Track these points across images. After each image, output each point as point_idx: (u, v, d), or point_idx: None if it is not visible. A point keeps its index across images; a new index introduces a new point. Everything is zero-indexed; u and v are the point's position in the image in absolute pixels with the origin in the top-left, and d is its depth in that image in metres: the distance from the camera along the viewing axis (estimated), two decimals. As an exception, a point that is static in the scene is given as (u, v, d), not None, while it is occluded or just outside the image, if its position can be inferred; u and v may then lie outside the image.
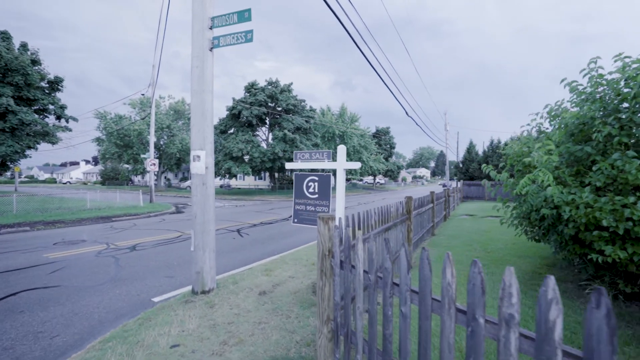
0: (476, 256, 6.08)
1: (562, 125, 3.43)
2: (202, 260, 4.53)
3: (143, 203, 19.51)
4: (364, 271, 2.13)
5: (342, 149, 5.03)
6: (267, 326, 3.65)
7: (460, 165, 39.58)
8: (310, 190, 5.31)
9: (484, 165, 4.44)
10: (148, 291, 5.23)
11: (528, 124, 4.44)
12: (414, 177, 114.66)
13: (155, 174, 47.73)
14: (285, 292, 4.77)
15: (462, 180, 23.20)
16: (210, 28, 4.79)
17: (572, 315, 3.39)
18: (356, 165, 4.97)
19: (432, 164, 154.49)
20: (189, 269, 6.34)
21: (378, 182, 73.77)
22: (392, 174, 66.04)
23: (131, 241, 9.22)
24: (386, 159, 61.87)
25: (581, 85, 3.50)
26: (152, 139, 21.99)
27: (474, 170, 36.73)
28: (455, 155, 49.28)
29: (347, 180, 72.72)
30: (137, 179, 66.35)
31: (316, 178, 5.27)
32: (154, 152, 43.33)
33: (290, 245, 9.03)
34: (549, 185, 2.96)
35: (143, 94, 22.66)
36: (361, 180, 72.80)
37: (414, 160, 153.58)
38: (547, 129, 4.26)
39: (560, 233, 3.56)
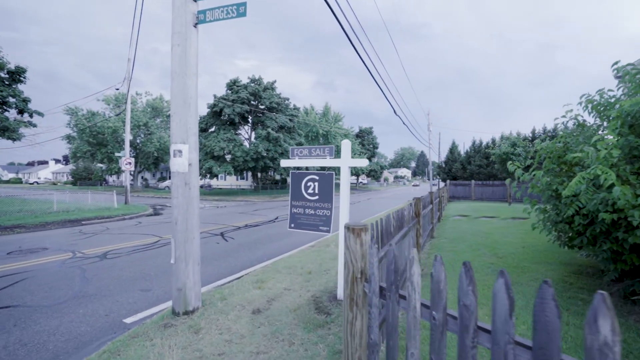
0: (490, 262, 5.63)
1: (622, 115, 2.96)
2: (184, 275, 3.80)
3: (117, 204, 18.22)
4: (423, 305, 1.52)
5: (347, 144, 4.43)
6: (267, 357, 2.99)
7: (443, 165, 39.95)
8: (310, 190, 4.67)
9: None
10: (119, 310, 4.44)
11: (563, 116, 3.98)
12: (396, 177, 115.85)
13: (131, 174, 45.55)
14: (284, 310, 4.11)
15: (448, 180, 23.18)
16: (195, 0, 4.07)
17: (639, 340, 2.92)
18: (363, 162, 4.38)
19: (413, 164, 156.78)
20: (168, 280, 5.57)
21: (361, 182, 73.80)
22: (374, 174, 66.16)
23: (102, 248, 8.25)
24: (369, 159, 61.90)
25: (636, 69, 3.06)
26: (127, 136, 20.65)
27: (456, 170, 37.11)
28: (437, 155, 49.84)
29: (330, 180, 71.87)
30: (111, 179, 63.39)
31: (316, 177, 4.64)
32: (130, 151, 41.31)
33: (280, 249, 8.35)
34: (613, 184, 2.49)
35: (117, 89, 21.25)
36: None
37: (395, 160, 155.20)
38: (586, 121, 3.83)
39: (617, 241, 3.10)
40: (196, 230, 3.92)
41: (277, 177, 47.32)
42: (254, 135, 36.25)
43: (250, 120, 36.61)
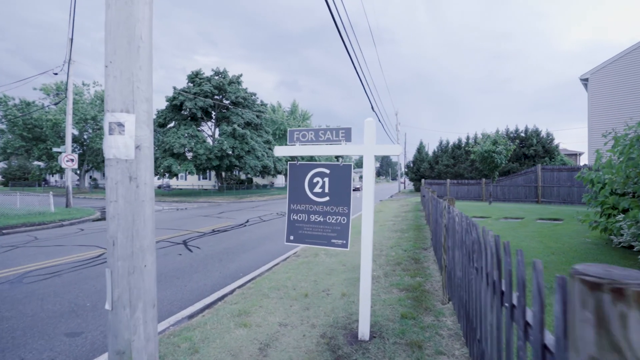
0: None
1: None
2: (128, 329, 2.31)
3: (55, 208, 15.51)
4: None
5: (370, 124, 3.18)
6: None
7: (411, 165, 40.32)
8: (317, 189, 3.38)
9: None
10: (25, 375, 2.84)
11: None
12: (360, 177, 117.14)
13: (77, 173, 40.81)
14: (287, 366, 2.77)
15: (423, 180, 22.94)
16: None
17: None
18: (395, 149, 3.16)
19: (377, 164, 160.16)
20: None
21: (328, 182, 73.01)
22: (342, 174, 65.89)
23: (19, 268, 6.28)
24: (337, 158, 61.44)
25: None
26: (69, 128, 17.81)
27: (424, 169, 37.51)
28: (404, 154, 50.38)
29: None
30: (53, 179, 57.01)
31: (326, 170, 3.35)
32: (76, 147, 36.92)
33: (258, 260, 6.93)
34: None
35: (56, 74, 18.28)
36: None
37: (360, 160, 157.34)
38: None
39: None
40: (149, 253, 2.45)
41: (243, 176, 45.10)
42: (218, 132, 33.85)
43: (214, 116, 34.21)
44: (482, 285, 2.21)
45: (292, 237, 3.45)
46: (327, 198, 3.32)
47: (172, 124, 31.91)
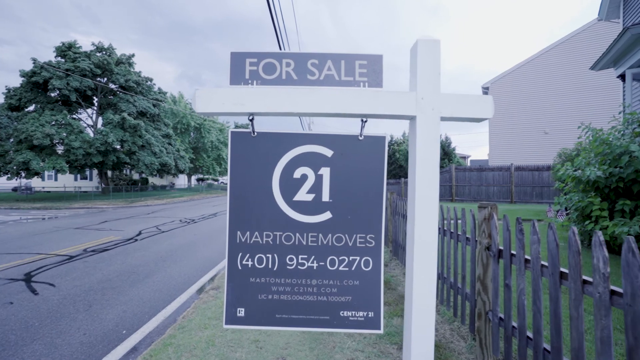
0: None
1: None
2: None
3: None
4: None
5: (429, 49, 1.40)
6: None
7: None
8: (302, 195, 1.45)
9: None
10: None
11: None
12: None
13: None
14: None
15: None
16: None
17: None
18: (487, 107, 1.46)
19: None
20: None
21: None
22: (254, 174, 62.54)
23: None
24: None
25: None
26: None
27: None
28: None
29: (200, 180, 63.16)
30: None
31: (326, 152, 1.45)
32: None
33: (155, 299, 4.54)
34: None
35: None
36: (217, 180, 66.32)
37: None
38: None
39: None
40: None
41: (137, 176, 38.48)
42: (101, 121, 27.58)
43: (96, 101, 27.80)
44: None
45: (241, 311, 1.45)
46: (329, 215, 1.44)
47: (31, 107, 24.62)
